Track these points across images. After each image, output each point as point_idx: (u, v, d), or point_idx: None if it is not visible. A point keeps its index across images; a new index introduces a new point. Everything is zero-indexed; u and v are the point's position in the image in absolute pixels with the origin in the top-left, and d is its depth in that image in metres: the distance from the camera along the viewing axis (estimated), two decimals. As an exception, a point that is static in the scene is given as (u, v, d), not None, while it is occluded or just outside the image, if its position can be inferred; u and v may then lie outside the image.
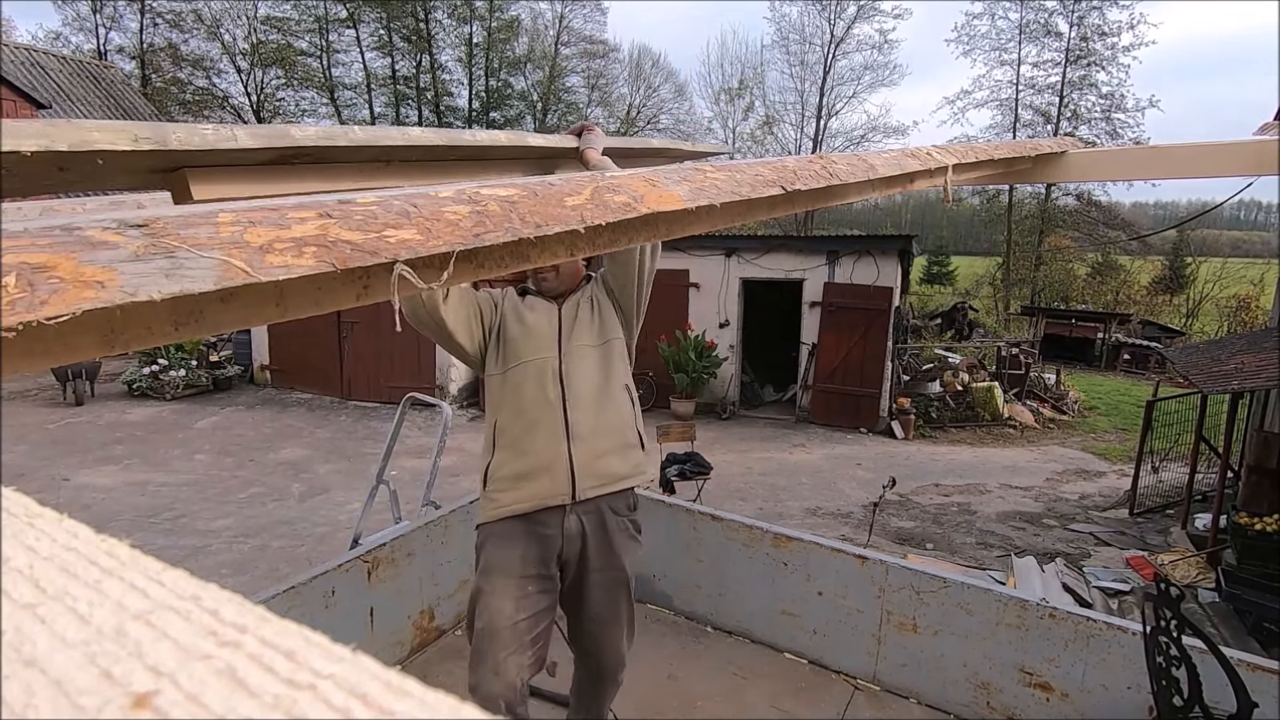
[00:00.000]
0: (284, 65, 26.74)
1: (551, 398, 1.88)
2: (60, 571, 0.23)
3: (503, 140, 1.38)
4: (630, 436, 2.02)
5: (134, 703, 0.18)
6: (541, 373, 1.89)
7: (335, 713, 0.18)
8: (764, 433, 10.23)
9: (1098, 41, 25.40)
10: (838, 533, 6.45)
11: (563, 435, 1.87)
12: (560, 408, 1.88)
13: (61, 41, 23.96)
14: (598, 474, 1.91)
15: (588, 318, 1.98)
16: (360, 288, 0.53)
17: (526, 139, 1.49)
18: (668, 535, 3.16)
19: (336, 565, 2.57)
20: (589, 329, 1.96)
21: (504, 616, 1.83)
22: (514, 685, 1.83)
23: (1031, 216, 26.56)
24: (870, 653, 2.73)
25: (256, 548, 5.75)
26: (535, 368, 1.89)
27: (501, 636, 1.82)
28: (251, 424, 9.67)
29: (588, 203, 0.66)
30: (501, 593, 1.85)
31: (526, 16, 29.49)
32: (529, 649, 1.87)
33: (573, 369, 1.91)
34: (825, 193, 1.04)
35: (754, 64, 32.29)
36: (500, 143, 1.37)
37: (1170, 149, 2.01)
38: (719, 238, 10.51)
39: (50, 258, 0.36)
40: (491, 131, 1.36)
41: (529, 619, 1.87)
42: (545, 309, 1.97)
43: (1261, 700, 1.94)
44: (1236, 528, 5.43)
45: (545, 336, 1.93)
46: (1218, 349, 7.04)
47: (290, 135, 0.95)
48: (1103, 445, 10.34)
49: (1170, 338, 18.23)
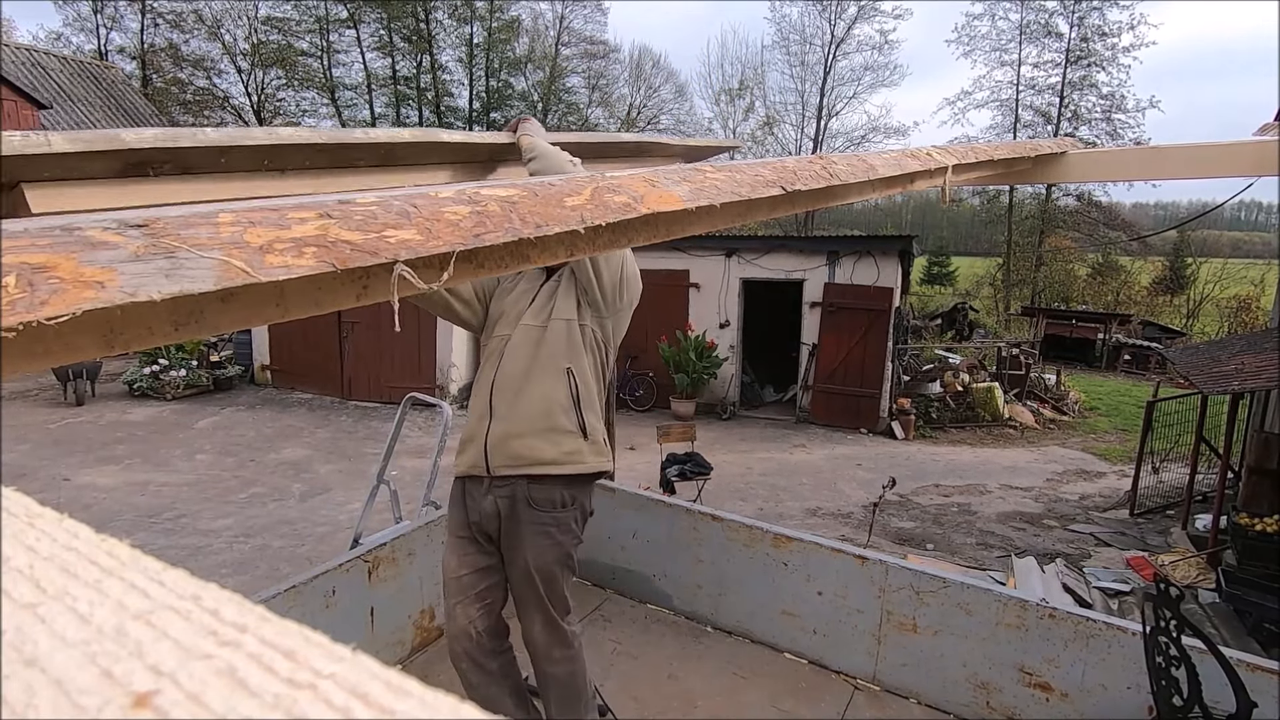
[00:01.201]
0: (284, 66, 26.74)
1: (488, 372, 1.99)
2: (61, 571, 0.23)
3: (405, 137, 1.28)
4: (561, 421, 1.94)
5: (134, 702, 0.18)
6: (496, 349, 2.00)
7: (336, 712, 0.18)
8: (764, 433, 10.23)
9: (1098, 42, 25.39)
10: (838, 533, 6.45)
11: (486, 410, 1.96)
12: (489, 382, 1.97)
13: (62, 42, 23.99)
14: (511, 454, 1.92)
15: (546, 297, 2.01)
16: (360, 288, 0.53)
17: (439, 135, 1.36)
18: (668, 535, 3.16)
19: (337, 565, 2.57)
20: (544, 308, 1.99)
21: (449, 570, 2.04)
22: (467, 632, 1.99)
23: (1032, 217, 26.54)
24: (870, 653, 2.73)
25: (257, 548, 5.75)
26: (496, 343, 2.01)
27: (449, 587, 2.04)
28: (252, 424, 9.67)
29: (588, 203, 0.66)
30: (450, 548, 2.06)
31: (527, 17, 29.53)
32: (475, 601, 2.01)
33: (513, 345, 1.97)
34: (825, 193, 1.04)
35: (754, 64, 32.44)
36: (403, 139, 1.28)
37: (1170, 150, 2.01)
38: (719, 238, 10.51)
39: (50, 258, 0.36)
40: (392, 129, 1.28)
41: (471, 574, 2.02)
42: (531, 281, 2.05)
43: (1261, 700, 1.94)
44: (1237, 528, 5.43)
45: (512, 313, 2.01)
46: (1218, 350, 7.03)
47: (121, 139, 0.89)
48: (1103, 446, 10.34)
49: (1171, 338, 18.22)
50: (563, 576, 2.00)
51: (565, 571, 2.01)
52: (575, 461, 1.94)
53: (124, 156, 0.91)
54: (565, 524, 1.98)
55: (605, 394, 2.08)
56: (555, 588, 1.99)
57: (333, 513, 6.54)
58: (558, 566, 1.97)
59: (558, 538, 1.96)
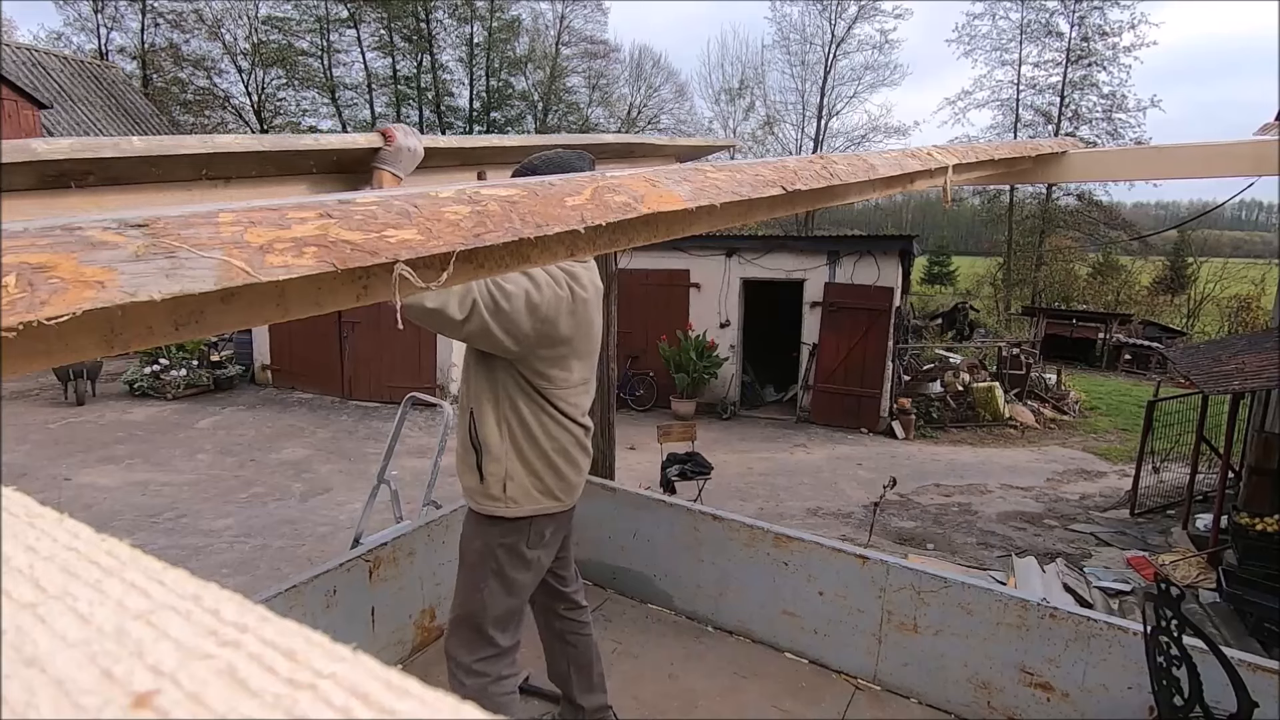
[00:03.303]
0: (285, 65, 26.76)
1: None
2: (61, 571, 0.23)
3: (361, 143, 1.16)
4: (466, 456, 1.92)
5: (135, 702, 0.18)
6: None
7: (336, 712, 0.18)
8: (765, 433, 10.23)
9: (1099, 41, 25.39)
10: (838, 533, 6.45)
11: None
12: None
13: (63, 41, 24.00)
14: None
15: None
16: (360, 288, 0.53)
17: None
18: (669, 535, 3.16)
19: (338, 565, 2.57)
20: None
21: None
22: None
23: (1032, 217, 26.54)
24: (871, 652, 2.73)
25: (257, 547, 5.76)
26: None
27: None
28: (253, 424, 9.67)
29: (588, 202, 0.66)
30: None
31: (527, 16, 29.54)
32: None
33: (465, 365, 1.98)
34: (826, 193, 1.04)
35: (755, 64, 32.44)
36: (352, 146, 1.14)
37: (1171, 149, 2.01)
38: (720, 238, 10.51)
39: (50, 257, 0.36)
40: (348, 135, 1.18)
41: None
42: None
43: (1262, 700, 1.94)
44: (1237, 528, 5.43)
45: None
46: (1219, 349, 7.03)
47: (32, 149, 0.81)
48: (1103, 446, 10.33)
49: (1171, 338, 18.21)
50: (470, 605, 1.94)
51: (472, 601, 1.94)
52: (472, 498, 1.94)
53: (38, 169, 0.84)
54: (470, 559, 1.96)
55: (541, 438, 1.90)
56: (460, 614, 1.97)
57: (333, 512, 6.54)
58: (464, 594, 1.97)
59: (467, 564, 1.97)
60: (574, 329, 1.87)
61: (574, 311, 1.85)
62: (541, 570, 2.03)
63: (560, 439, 1.94)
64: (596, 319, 2.00)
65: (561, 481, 1.97)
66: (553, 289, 1.78)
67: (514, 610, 1.98)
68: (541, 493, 1.94)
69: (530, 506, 1.92)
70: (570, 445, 1.97)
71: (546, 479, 1.94)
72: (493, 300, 1.66)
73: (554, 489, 1.96)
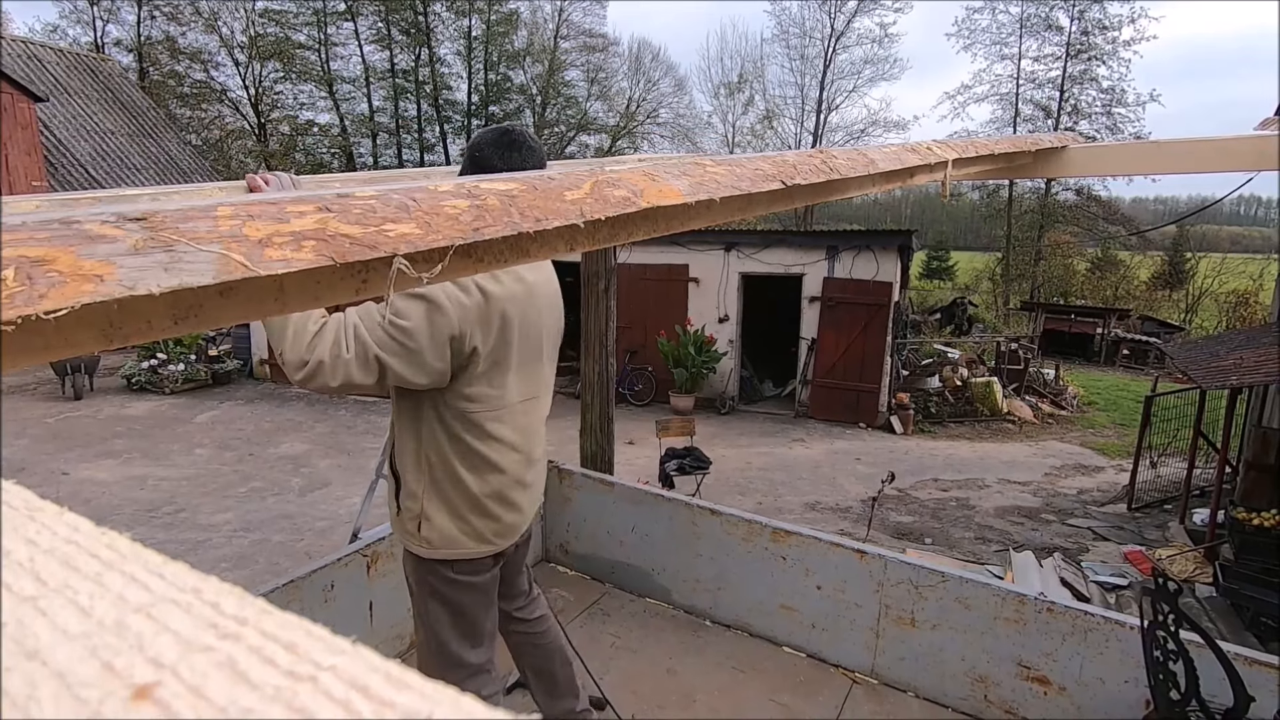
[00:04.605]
0: (282, 58, 26.62)
1: None
2: (61, 565, 0.23)
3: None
4: (388, 478, 1.76)
5: (135, 695, 0.18)
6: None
7: (336, 704, 0.18)
8: (763, 428, 10.24)
9: (1098, 36, 25.35)
10: (837, 527, 6.47)
11: None
12: None
13: (59, 34, 23.85)
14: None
15: None
16: (359, 282, 0.53)
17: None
18: (667, 530, 3.17)
19: (336, 559, 2.58)
20: None
21: None
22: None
23: (1031, 212, 26.52)
24: (869, 647, 2.74)
25: (256, 542, 5.76)
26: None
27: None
28: (251, 418, 9.67)
29: (587, 197, 0.66)
30: None
31: (525, 10, 29.39)
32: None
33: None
34: (825, 187, 1.04)
35: (754, 58, 32.32)
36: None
37: (1170, 144, 2.01)
38: (719, 232, 10.49)
39: (49, 251, 0.36)
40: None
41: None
42: None
43: (1258, 695, 1.94)
44: (1235, 523, 5.45)
45: None
46: (1217, 344, 7.04)
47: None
48: (1101, 441, 10.35)
49: (1169, 333, 18.22)
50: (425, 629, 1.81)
51: (425, 624, 1.80)
52: (392, 523, 1.80)
53: None
54: (410, 581, 1.83)
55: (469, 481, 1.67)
56: (421, 639, 1.84)
57: (332, 507, 6.54)
58: (417, 618, 1.84)
59: (410, 586, 1.84)
60: (495, 336, 1.59)
61: (486, 319, 1.56)
62: (491, 585, 1.83)
63: (492, 482, 1.69)
64: (535, 316, 1.71)
65: (495, 524, 1.73)
66: (457, 301, 1.51)
67: (473, 626, 1.80)
68: (469, 535, 1.70)
69: (449, 552, 1.70)
70: (506, 486, 1.72)
71: (474, 522, 1.70)
72: (397, 344, 1.46)
73: (484, 533, 1.71)
